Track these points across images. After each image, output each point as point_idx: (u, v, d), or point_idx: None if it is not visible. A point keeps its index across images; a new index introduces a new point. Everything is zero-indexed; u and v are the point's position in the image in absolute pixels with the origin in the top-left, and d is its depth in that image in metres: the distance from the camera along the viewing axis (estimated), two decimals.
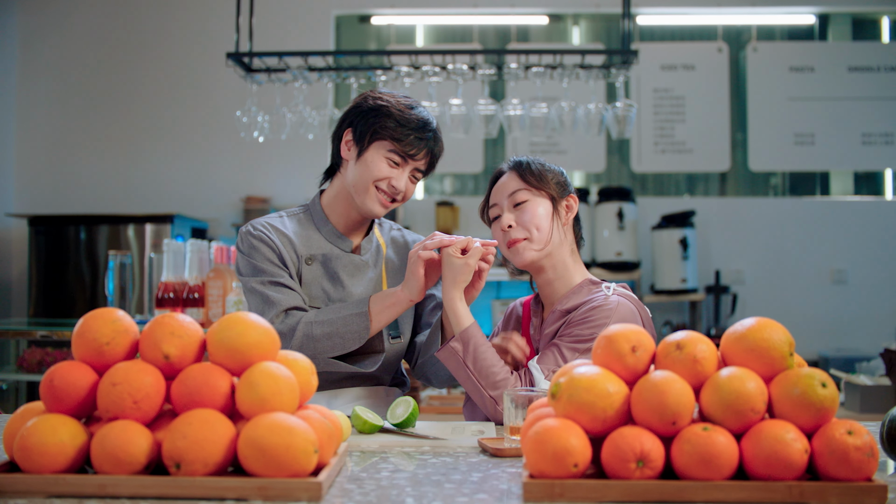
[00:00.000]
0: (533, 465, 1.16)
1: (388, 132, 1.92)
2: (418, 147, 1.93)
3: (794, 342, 1.22)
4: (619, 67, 3.76)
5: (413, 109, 1.94)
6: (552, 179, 1.94)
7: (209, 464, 1.14)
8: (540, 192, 1.92)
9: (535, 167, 1.94)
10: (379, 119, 1.93)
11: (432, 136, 1.96)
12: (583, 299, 1.85)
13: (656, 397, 1.16)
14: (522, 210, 1.90)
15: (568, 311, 1.86)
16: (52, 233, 5.28)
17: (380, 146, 1.93)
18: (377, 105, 1.95)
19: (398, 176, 1.94)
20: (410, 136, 1.92)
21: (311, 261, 1.98)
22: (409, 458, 1.44)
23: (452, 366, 1.80)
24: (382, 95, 1.98)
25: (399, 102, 1.95)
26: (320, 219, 2.03)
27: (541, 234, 1.89)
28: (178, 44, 5.90)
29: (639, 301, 1.88)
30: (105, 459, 1.14)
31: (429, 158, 1.99)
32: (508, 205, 1.92)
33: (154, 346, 1.23)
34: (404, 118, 1.92)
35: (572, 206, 1.96)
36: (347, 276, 2.00)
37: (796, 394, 1.16)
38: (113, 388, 1.19)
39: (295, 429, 1.15)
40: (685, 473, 1.14)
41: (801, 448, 1.13)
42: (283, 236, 1.98)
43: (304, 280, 1.98)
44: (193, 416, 1.16)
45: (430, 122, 1.96)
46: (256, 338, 1.24)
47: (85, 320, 1.25)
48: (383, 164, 1.93)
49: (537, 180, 1.92)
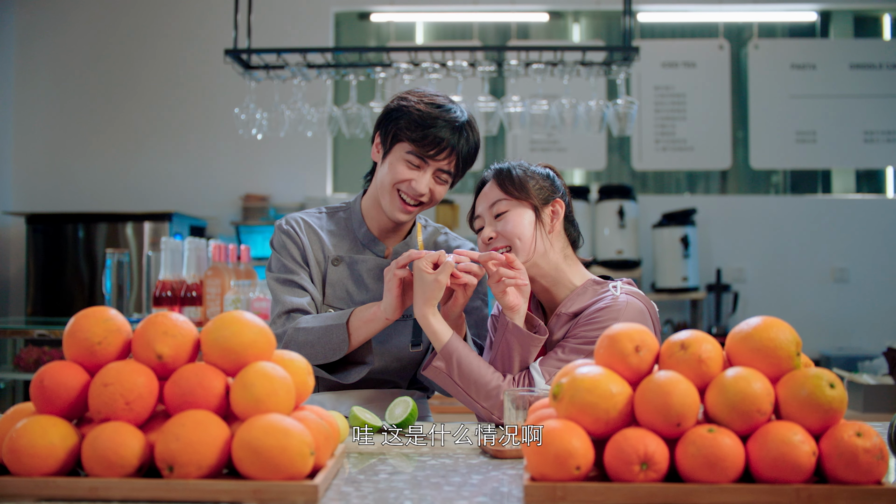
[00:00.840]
0: (534, 468, 1.13)
1: (405, 133, 1.85)
2: (438, 147, 1.84)
3: (801, 342, 1.20)
4: (621, 64, 3.73)
5: (437, 107, 1.85)
6: (534, 186, 1.85)
7: (203, 466, 1.11)
8: (520, 201, 1.83)
9: (515, 174, 1.85)
10: (399, 120, 1.87)
11: (456, 134, 1.86)
12: (589, 300, 1.79)
13: (660, 398, 1.13)
14: (504, 221, 1.82)
15: (575, 314, 1.79)
16: (49, 231, 5.25)
17: (400, 148, 1.87)
18: (399, 105, 1.89)
19: (418, 178, 1.86)
20: (428, 137, 1.83)
21: (337, 262, 1.95)
22: (407, 460, 1.41)
23: (441, 383, 1.76)
24: (408, 94, 1.91)
25: (421, 101, 1.87)
26: (357, 220, 1.99)
27: (523, 244, 1.80)
28: (177, 41, 5.87)
29: (647, 298, 1.82)
30: (96, 462, 1.12)
31: (454, 159, 1.88)
32: (490, 216, 1.85)
33: (147, 345, 1.20)
34: (422, 118, 1.84)
35: (558, 212, 1.86)
36: (372, 279, 1.96)
37: (804, 395, 1.13)
38: (105, 388, 1.16)
39: (290, 430, 1.12)
40: (690, 476, 1.11)
41: (809, 450, 1.10)
42: (314, 234, 1.97)
43: (328, 280, 1.95)
44: (187, 418, 1.14)
45: (454, 120, 1.86)
46: (251, 337, 1.21)
47: (76, 319, 1.23)
48: (402, 166, 1.86)
49: (518, 189, 1.83)
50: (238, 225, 5.59)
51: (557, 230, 1.86)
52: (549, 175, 1.90)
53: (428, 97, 1.89)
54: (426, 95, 1.90)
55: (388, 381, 2.01)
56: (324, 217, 2.02)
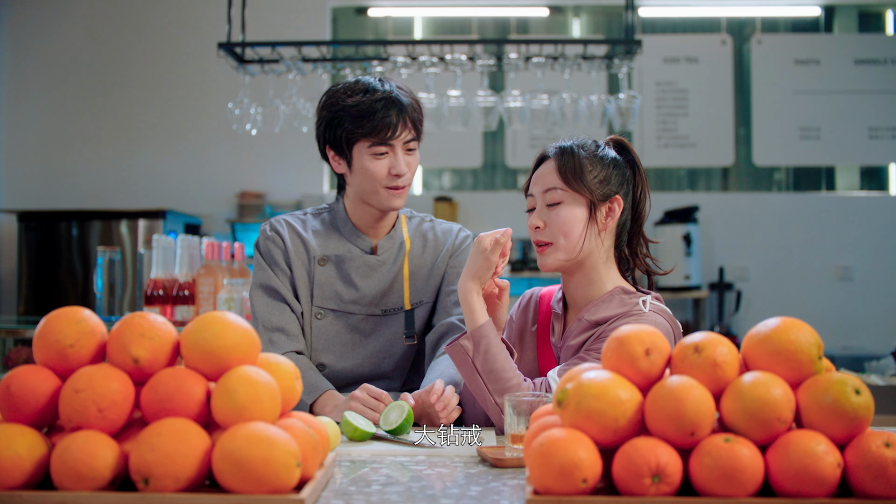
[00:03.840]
0: (538, 480, 1.05)
1: (356, 133, 1.84)
2: (392, 127, 1.83)
3: (822, 344, 1.12)
4: (623, 58, 3.65)
5: (366, 93, 1.84)
6: (594, 178, 1.70)
7: (181, 479, 1.03)
8: (577, 193, 1.70)
9: (578, 160, 1.70)
10: (342, 125, 1.86)
11: (397, 106, 1.84)
12: (615, 311, 1.68)
13: (673, 405, 1.05)
14: (555, 212, 1.70)
15: (598, 323, 1.69)
16: (42, 229, 5.18)
17: (360, 148, 1.86)
18: (332, 112, 1.88)
19: (393, 161, 1.86)
20: (379, 124, 1.82)
21: (324, 262, 1.94)
22: (402, 469, 1.33)
23: (459, 363, 1.66)
24: (330, 98, 1.89)
25: (348, 95, 1.86)
26: (342, 218, 1.98)
27: (568, 242, 1.69)
28: (172, 36, 5.79)
29: (672, 317, 1.72)
30: (66, 474, 1.04)
31: (410, 125, 1.86)
32: (542, 201, 1.73)
33: (122, 348, 1.12)
34: (361, 110, 1.83)
35: (614, 211, 1.73)
36: (361, 277, 1.94)
37: (827, 401, 1.05)
38: (76, 395, 1.08)
39: (275, 440, 1.04)
40: (705, 489, 1.03)
41: (834, 462, 1.02)
42: (298, 237, 1.96)
43: (317, 281, 1.94)
44: (164, 427, 1.06)
45: (387, 95, 1.84)
46: (235, 339, 1.13)
47: (47, 320, 1.15)
48: (374, 163, 1.85)
49: (576, 179, 1.69)
50: (233, 222, 5.52)
51: (610, 227, 1.74)
52: (616, 162, 1.76)
53: (349, 88, 1.87)
54: (347, 88, 1.88)
55: (383, 379, 1.96)
56: (309, 218, 2.01)
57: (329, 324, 1.93)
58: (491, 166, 5.87)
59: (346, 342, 1.94)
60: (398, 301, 1.95)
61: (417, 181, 5.90)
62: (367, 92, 1.84)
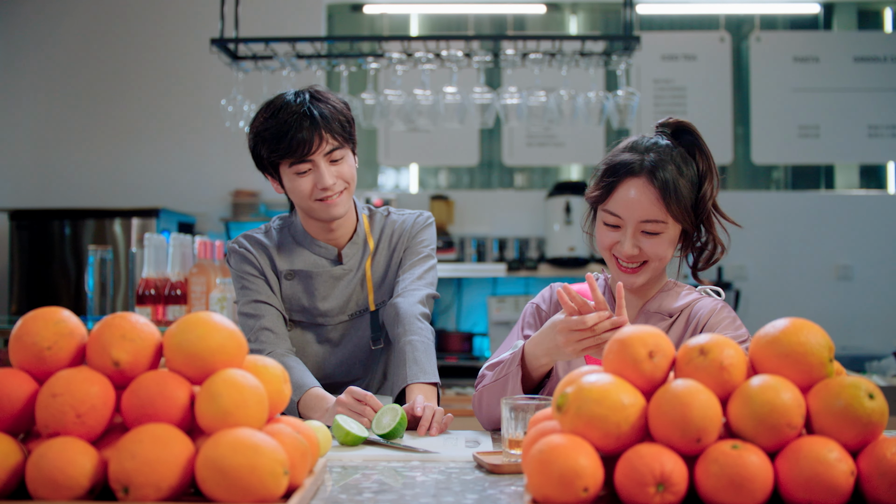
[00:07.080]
0: (536, 489, 1.01)
1: (274, 156, 1.82)
2: (305, 143, 1.79)
3: (833, 346, 1.07)
4: (621, 54, 3.60)
5: (276, 113, 1.81)
6: (690, 203, 1.63)
7: (162, 488, 0.99)
8: (677, 223, 1.63)
9: (679, 190, 1.60)
10: (262, 148, 1.85)
11: (308, 118, 1.78)
12: (683, 301, 1.70)
13: (678, 410, 1.00)
14: (656, 241, 1.62)
15: (670, 315, 1.68)
16: (35, 227, 5.11)
17: (284, 169, 1.85)
18: (253, 137, 1.88)
19: (318, 177, 1.82)
20: (291, 143, 1.78)
21: (291, 276, 1.93)
22: (395, 475, 1.29)
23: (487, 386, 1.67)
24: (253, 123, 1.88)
25: (261, 118, 1.84)
26: (300, 232, 1.97)
27: (661, 264, 1.67)
28: (164, 33, 5.73)
29: None
30: (41, 483, 0.99)
31: (327, 135, 1.81)
32: (635, 229, 1.61)
33: (102, 350, 1.07)
34: (273, 133, 1.80)
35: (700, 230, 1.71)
36: (327, 289, 1.94)
37: (839, 406, 1.01)
38: (53, 399, 1.03)
39: (261, 447, 0.99)
40: (712, 498, 0.99)
41: (847, 469, 0.98)
42: (264, 252, 1.95)
43: (284, 294, 1.94)
44: (145, 433, 1.01)
45: (296, 110, 1.79)
46: (220, 341, 1.08)
47: (24, 321, 1.10)
48: (299, 180, 1.83)
49: (680, 209, 1.60)
50: (227, 221, 5.46)
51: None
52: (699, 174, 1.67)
53: (265, 109, 1.85)
54: (264, 109, 1.87)
55: (356, 381, 1.97)
56: (272, 232, 2.00)
57: (299, 335, 1.94)
58: (487, 164, 5.82)
59: (317, 352, 1.95)
60: (363, 303, 1.95)
61: (413, 180, 5.85)
62: (279, 110, 1.81)
